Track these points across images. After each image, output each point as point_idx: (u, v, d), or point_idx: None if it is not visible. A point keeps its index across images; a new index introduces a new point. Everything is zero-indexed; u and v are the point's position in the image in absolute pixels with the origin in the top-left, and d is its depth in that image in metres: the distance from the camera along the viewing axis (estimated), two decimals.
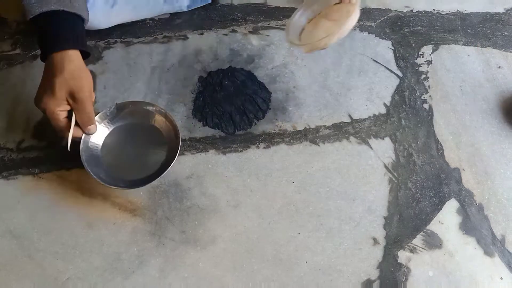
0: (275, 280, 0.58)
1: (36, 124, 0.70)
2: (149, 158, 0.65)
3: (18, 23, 0.83)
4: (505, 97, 0.75)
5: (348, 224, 0.63)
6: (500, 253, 0.61)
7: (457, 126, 0.72)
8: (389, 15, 0.86)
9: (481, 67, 0.79)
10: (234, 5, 0.86)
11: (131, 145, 0.66)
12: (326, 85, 0.75)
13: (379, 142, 0.70)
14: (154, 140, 0.66)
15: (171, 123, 0.65)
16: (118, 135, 0.66)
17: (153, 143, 0.66)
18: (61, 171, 0.66)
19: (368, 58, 0.79)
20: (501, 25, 0.85)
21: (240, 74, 0.75)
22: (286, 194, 0.65)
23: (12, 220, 0.62)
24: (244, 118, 0.71)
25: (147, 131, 0.66)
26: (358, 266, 0.59)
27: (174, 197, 0.64)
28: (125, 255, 0.59)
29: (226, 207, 0.63)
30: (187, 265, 0.59)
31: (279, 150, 0.68)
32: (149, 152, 0.65)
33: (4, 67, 0.76)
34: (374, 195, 0.65)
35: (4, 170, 0.66)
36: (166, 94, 0.73)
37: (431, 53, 0.80)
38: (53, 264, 0.59)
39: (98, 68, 0.76)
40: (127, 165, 0.64)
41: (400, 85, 0.76)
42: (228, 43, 0.80)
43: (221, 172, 0.66)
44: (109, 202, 0.63)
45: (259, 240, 0.61)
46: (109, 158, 0.64)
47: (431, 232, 0.62)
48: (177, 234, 0.61)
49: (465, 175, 0.67)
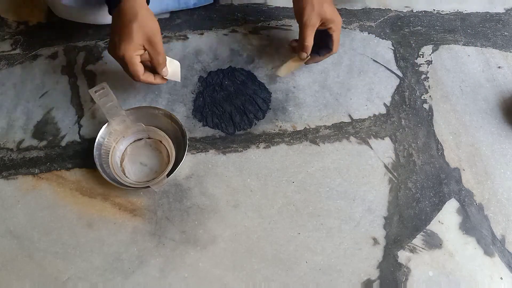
0: (275, 280, 0.58)
1: (36, 124, 0.70)
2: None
3: (18, 23, 0.83)
4: (505, 97, 0.75)
5: (348, 224, 0.63)
6: (500, 253, 0.61)
7: (457, 126, 0.72)
8: (389, 15, 0.86)
9: (481, 67, 0.79)
10: (234, 5, 0.86)
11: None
12: (326, 85, 0.75)
13: (379, 142, 0.70)
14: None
15: (176, 124, 0.66)
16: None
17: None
18: (61, 171, 0.66)
19: (368, 58, 0.79)
20: (501, 25, 0.85)
21: (240, 74, 0.75)
22: (286, 194, 0.65)
23: (12, 220, 0.62)
24: (244, 118, 0.71)
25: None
26: (358, 266, 0.59)
27: (174, 197, 0.64)
28: (125, 255, 0.59)
29: (226, 207, 0.63)
30: (187, 265, 0.59)
31: (279, 150, 0.68)
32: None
33: (4, 67, 0.77)
34: (374, 195, 0.65)
35: (4, 170, 0.66)
36: (166, 94, 0.73)
37: (431, 53, 0.80)
38: (53, 264, 0.59)
39: (98, 68, 0.76)
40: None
41: (400, 85, 0.76)
42: (228, 43, 0.80)
43: (221, 172, 0.66)
44: (109, 202, 0.63)
45: (259, 240, 0.61)
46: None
47: (431, 232, 0.62)
48: (177, 234, 0.61)
49: (465, 175, 0.67)
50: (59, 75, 0.75)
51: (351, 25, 0.84)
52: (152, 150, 0.68)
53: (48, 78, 0.75)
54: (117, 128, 0.65)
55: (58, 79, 0.75)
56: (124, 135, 0.66)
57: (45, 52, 0.78)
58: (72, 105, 0.72)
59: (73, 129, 0.70)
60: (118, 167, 0.65)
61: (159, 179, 0.60)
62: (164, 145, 0.67)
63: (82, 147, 0.68)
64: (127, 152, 0.68)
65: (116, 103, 0.64)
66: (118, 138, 0.66)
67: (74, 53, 0.78)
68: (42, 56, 0.78)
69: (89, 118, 0.71)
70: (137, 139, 0.69)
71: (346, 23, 0.84)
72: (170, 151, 0.65)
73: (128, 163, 0.67)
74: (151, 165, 0.66)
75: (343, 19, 0.85)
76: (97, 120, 0.70)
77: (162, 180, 0.60)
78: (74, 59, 0.77)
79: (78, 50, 0.78)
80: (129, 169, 0.66)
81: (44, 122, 0.70)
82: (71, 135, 0.69)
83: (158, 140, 0.68)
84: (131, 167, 0.66)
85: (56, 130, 0.70)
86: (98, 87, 0.64)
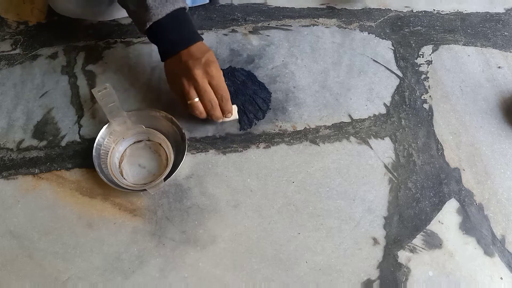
0: (275, 280, 0.58)
1: (36, 124, 0.70)
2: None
3: (18, 23, 0.83)
4: (505, 97, 0.75)
5: (348, 224, 0.63)
6: (500, 253, 0.61)
7: (457, 126, 0.72)
8: (389, 15, 0.86)
9: (481, 67, 0.79)
10: (234, 5, 0.86)
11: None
12: (326, 85, 0.75)
13: (379, 142, 0.70)
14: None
15: (177, 127, 0.66)
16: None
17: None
18: (61, 171, 0.66)
19: (368, 58, 0.79)
20: (501, 25, 0.85)
21: (240, 74, 0.75)
22: (286, 194, 0.65)
23: (12, 220, 0.62)
24: (244, 118, 0.71)
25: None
26: (358, 266, 0.59)
27: (174, 197, 0.64)
28: (125, 255, 0.59)
29: (226, 207, 0.63)
30: (187, 265, 0.59)
31: (279, 150, 0.68)
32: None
33: (4, 67, 0.77)
34: (374, 195, 0.65)
35: (4, 170, 0.66)
36: (166, 94, 0.73)
37: (431, 53, 0.81)
38: (53, 264, 0.59)
39: (98, 68, 0.76)
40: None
41: (400, 85, 0.76)
42: (228, 43, 0.80)
43: (221, 172, 0.66)
44: (109, 202, 0.63)
45: (259, 240, 0.61)
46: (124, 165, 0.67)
47: (431, 232, 0.62)
48: (177, 234, 0.61)
49: (465, 175, 0.67)
50: (59, 75, 0.75)
51: (351, 25, 0.84)
52: (152, 153, 0.68)
53: (48, 78, 0.75)
54: (117, 129, 0.65)
55: (58, 79, 0.75)
56: (124, 136, 0.66)
57: (45, 52, 0.78)
58: (72, 105, 0.72)
59: (73, 129, 0.70)
60: (117, 168, 0.65)
61: (156, 182, 0.60)
62: (164, 148, 0.67)
63: (82, 147, 0.68)
64: (126, 154, 0.67)
65: (118, 103, 0.64)
66: (118, 139, 0.66)
67: (74, 53, 0.78)
68: (42, 56, 0.78)
69: (89, 118, 0.71)
70: (136, 141, 0.69)
71: (346, 23, 0.84)
72: (169, 154, 0.65)
73: (126, 164, 0.67)
74: (150, 167, 0.66)
75: (343, 19, 0.85)
76: (97, 120, 0.70)
77: (159, 184, 0.60)
78: (74, 59, 0.77)
79: (78, 50, 0.78)
80: (127, 171, 0.66)
81: (44, 122, 0.70)
82: (71, 135, 0.69)
83: (158, 143, 0.68)
84: (130, 169, 0.66)
85: (56, 130, 0.70)
86: (101, 87, 0.64)
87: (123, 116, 0.64)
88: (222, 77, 0.63)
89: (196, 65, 0.60)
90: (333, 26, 0.84)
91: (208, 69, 0.61)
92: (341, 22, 0.84)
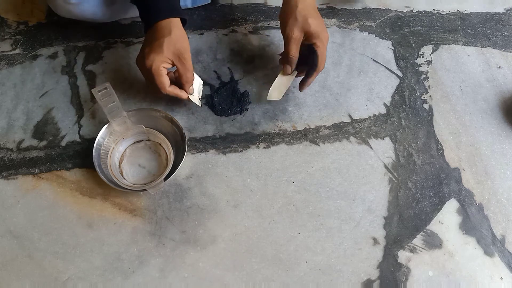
0: (275, 280, 0.58)
1: (36, 124, 0.70)
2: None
3: (18, 23, 0.83)
4: (505, 97, 0.75)
5: (348, 224, 0.63)
6: (500, 253, 0.61)
7: (457, 126, 0.72)
8: (389, 15, 0.86)
9: (481, 67, 0.79)
10: (234, 5, 0.86)
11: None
12: (326, 85, 0.75)
13: (379, 142, 0.70)
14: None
15: (177, 127, 0.66)
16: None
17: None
18: (61, 171, 0.66)
19: (368, 58, 0.79)
20: (501, 25, 0.85)
21: None
22: (286, 194, 0.65)
23: (12, 220, 0.62)
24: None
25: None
26: (358, 266, 0.59)
27: (174, 197, 0.64)
28: (125, 255, 0.59)
29: (226, 207, 0.63)
30: (187, 265, 0.59)
31: (279, 150, 0.68)
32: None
33: (4, 67, 0.77)
34: (374, 195, 0.65)
35: (4, 170, 0.66)
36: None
37: (431, 53, 0.80)
38: (53, 264, 0.59)
39: (98, 68, 0.76)
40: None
41: (400, 85, 0.76)
42: (228, 43, 0.80)
43: (221, 172, 0.66)
44: (109, 202, 0.63)
45: (259, 240, 0.61)
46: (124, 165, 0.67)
47: (431, 232, 0.62)
48: (177, 234, 0.61)
49: (465, 175, 0.67)
50: (59, 75, 0.75)
51: (351, 25, 0.84)
52: (152, 153, 0.68)
53: (48, 78, 0.75)
54: (117, 129, 0.65)
55: (58, 79, 0.75)
56: (124, 136, 0.66)
57: (45, 52, 0.78)
58: (72, 105, 0.72)
59: (73, 129, 0.70)
60: (117, 168, 0.65)
61: (156, 182, 0.60)
62: (164, 148, 0.67)
63: (82, 147, 0.68)
64: (126, 154, 0.67)
65: (118, 103, 0.64)
66: (118, 139, 0.66)
67: (74, 53, 0.78)
68: (42, 56, 0.78)
69: (89, 118, 0.71)
70: (136, 141, 0.69)
71: (346, 23, 0.84)
72: (169, 154, 0.65)
73: (126, 164, 0.67)
74: (150, 167, 0.66)
75: (343, 19, 0.85)
76: (97, 120, 0.70)
77: (159, 184, 0.60)
78: (74, 59, 0.77)
79: (78, 50, 0.78)
80: (127, 171, 0.66)
81: (44, 122, 0.70)
82: (71, 135, 0.69)
83: (158, 143, 0.68)
84: (130, 169, 0.66)
85: (56, 130, 0.70)
86: (101, 87, 0.64)
87: (123, 116, 0.64)
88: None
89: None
90: (333, 26, 0.84)
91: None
92: (341, 22, 0.84)
